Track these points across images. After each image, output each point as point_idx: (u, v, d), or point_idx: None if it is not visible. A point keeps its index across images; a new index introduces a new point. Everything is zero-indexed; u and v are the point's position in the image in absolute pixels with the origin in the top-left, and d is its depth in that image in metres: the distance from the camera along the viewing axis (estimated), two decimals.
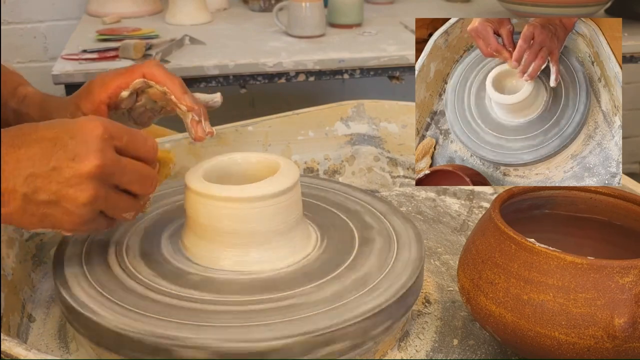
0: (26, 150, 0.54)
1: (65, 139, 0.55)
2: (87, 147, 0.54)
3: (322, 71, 1.45)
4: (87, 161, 0.54)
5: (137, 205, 0.61)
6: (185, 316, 0.57)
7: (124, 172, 0.57)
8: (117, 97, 0.71)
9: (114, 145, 0.56)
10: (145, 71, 0.71)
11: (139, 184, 0.59)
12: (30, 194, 0.54)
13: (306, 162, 0.97)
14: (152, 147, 0.60)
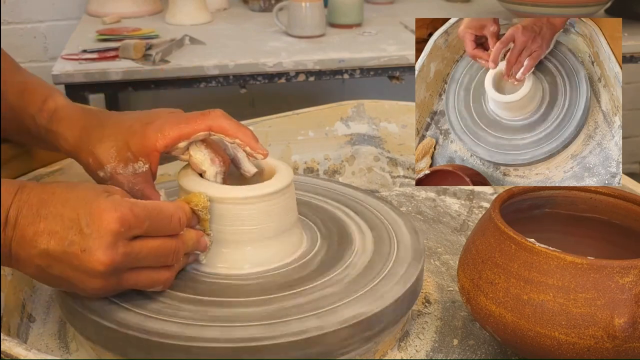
0: (45, 225, 0.54)
1: (82, 224, 0.54)
2: (98, 242, 0.53)
3: (322, 71, 1.45)
4: (95, 258, 0.53)
5: (162, 279, 0.59)
6: (186, 316, 0.57)
7: (138, 260, 0.56)
8: (173, 147, 0.65)
9: (131, 236, 0.55)
10: (212, 124, 0.65)
11: (158, 261, 0.58)
12: (45, 267, 0.55)
13: (306, 162, 0.97)
14: (178, 224, 0.58)
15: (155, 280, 0.58)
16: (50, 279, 0.56)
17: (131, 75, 1.36)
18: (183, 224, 0.59)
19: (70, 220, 0.54)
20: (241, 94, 1.46)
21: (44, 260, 0.54)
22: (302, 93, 2.08)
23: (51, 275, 0.55)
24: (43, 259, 0.54)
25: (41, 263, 0.54)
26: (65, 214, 0.54)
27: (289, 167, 0.69)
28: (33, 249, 0.54)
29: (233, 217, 0.63)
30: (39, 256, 0.54)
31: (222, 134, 0.65)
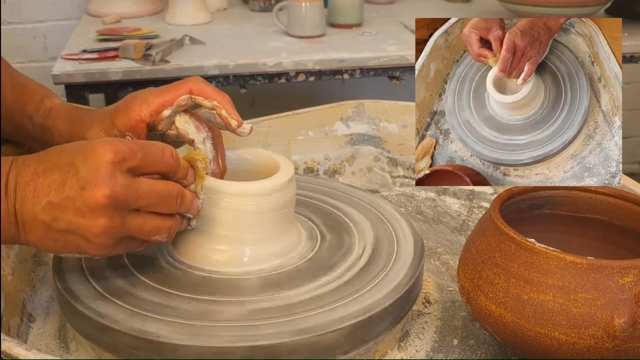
0: (44, 178, 0.54)
1: (78, 164, 0.54)
2: (96, 174, 0.53)
3: (322, 71, 1.45)
4: (95, 190, 0.53)
5: (166, 226, 0.58)
6: (185, 316, 0.57)
7: (139, 197, 0.55)
8: (158, 115, 0.67)
9: (127, 168, 0.55)
10: (192, 87, 0.67)
11: (160, 205, 0.57)
12: (50, 222, 0.54)
13: (306, 162, 0.97)
14: (171, 158, 0.58)
15: (159, 227, 0.58)
16: (58, 238, 0.55)
17: (131, 75, 1.36)
18: (176, 158, 0.58)
19: (66, 166, 0.54)
20: (241, 94, 1.46)
21: (48, 213, 0.54)
22: (302, 93, 2.08)
23: (58, 232, 0.54)
24: (47, 213, 0.54)
25: (46, 218, 0.54)
26: (61, 162, 0.55)
27: (289, 162, 0.69)
28: (36, 205, 0.54)
29: (233, 212, 0.63)
30: (43, 211, 0.54)
31: (201, 96, 0.67)
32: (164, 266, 0.65)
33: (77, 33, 1.63)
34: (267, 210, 0.64)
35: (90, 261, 0.65)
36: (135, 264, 0.65)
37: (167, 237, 0.59)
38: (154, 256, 0.66)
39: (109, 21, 1.71)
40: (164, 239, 0.59)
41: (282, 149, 0.95)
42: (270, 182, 0.65)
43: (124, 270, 0.64)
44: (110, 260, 0.65)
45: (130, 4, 1.80)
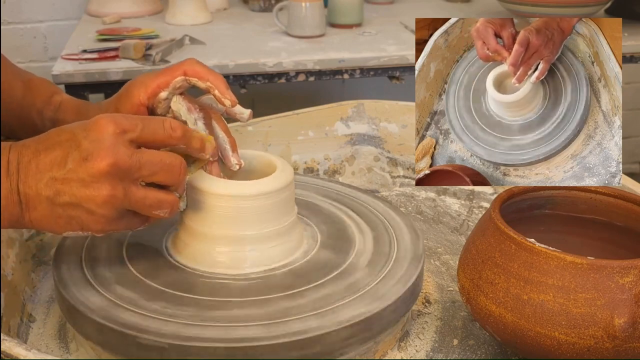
0: (45, 155, 0.55)
1: (79, 138, 0.55)
2: (99, 145, 0.54)
3: (322, 71, 1.45)
4: (98, 159, 0.54)
5: (169, 200, 0.58)
6: (185, 316, 0.57)
7: (141, 166, 0.56)
8: (156, 97, 0.69)
9: (129, 139, 0.55)
10: (187, 68, 0.68)
11: (162, 174, 0.57)
12: (53, 197, 0.55)
13: (306, 162, 0.97)
14: (172, 128, 0.58)
15: (162, 200, 0.58)
16: (61, 214, 0.55)
17: (131, 75, 1.36)
18: (176, 128, 0.58)
19: (67, 141, 0.55)
20: (241, 94, 1.46)
21: (51, 188, 0.54)
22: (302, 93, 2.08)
23: (62, 206, 0.55)
24: (50, 187, 0.54)
25: (49, 193, 0.54)
26: (62, 138, 0.55)
27: (288, 164, 0.69)
28: (39, 181, 0.54)
29: (233, 214, 0.63)
30: (46, 186, 0.54)
31: (195, 77, 0.68)
32: (165, 267, 0.65)
33: (77, 33, 1.63)
34: (266, 211, 0.64)
35: (91, 261, 0.65)
36: (135, 264, 0.65)
37: (170, 212, 0.59)
38: (154, 256, 0.66)
39: (109, 21, 1.71)
40: (166, 215, 0.59)
41: (282, 149, 0.95)
42: (267, 181, 0.65)
43: (124, 270, 0.64)
44: (110, 260, 0.65)
45: (130, 4, 1.80)
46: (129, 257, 0.66)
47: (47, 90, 0.79)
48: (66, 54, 1.44)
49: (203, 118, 0.69)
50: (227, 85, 0.69)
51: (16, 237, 0.73)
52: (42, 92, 0.78)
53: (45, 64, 1.96)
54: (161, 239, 0.69)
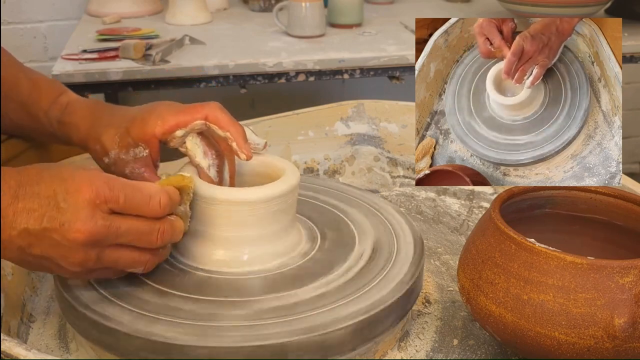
0: (24, 205, 0.54)
1: (59, 199, 0.54)
2: (76, 214, 0.53)
3: (322, 71, 1.45)
4: (74, 229, 0.53)
5: (143, 260, 0.58)
6: (188, 317, 0.57)
7: (119, 235, 0.55)
8: (171, 134, 0.68)
9: (108, 208, 0.55)
10: (209, 113, 0.67)
11: (140, 241, 0.57)
12: (25, 247, 0.55)
13: (306, 162, 0.97)
14: (158, 206, 0.57)
15: (136, 260, 0.58)
16: (32, 261, 0.56)
17: (131, 75, 1.36)
18: (164, 206, 0.57)
19: (46, 198, 0.54)
20: (241, 94, 1.46)
21: (25, 239, 0.54)
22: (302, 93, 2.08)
23: (32, 256, 0.55)
24: (23, 239, 0.54)
25: (22, 243, 0.54)
26: (42, 192, 0.54)
27: (295, 168, 0.69)
28: (13, 229, 0.54)
29: (235, 219, 0.63)
30: (19, 236, 0.54)
31: (216, 125, 0.67)
32: (166, 267, 0.65)
33: (77, 33, 1.63)
34: (267, 214, 0.64)
35: None
36: None
37: (144, 269, 0.59)
38: None
39: (109, 21, 1.70)
40: (141, 271, 0.59)
41: (282, 149, 0.95)
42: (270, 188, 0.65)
43: None
44: None
45: (130, 4, 1.80)
46: None
47: (54, 90, 0.78)
48: (66, 54, 1.44)
49: (217, 165, 0.69)
50: (246, 138, 0.68)
51: None
52: (49, 91, 0.77)
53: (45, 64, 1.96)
54: None
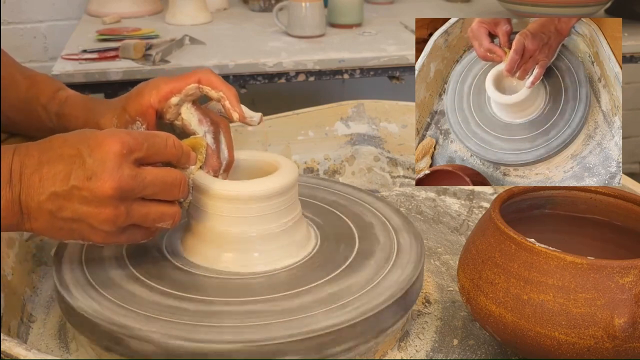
0: (49, 169, 0.55)
1: (84, 156, 0.55)
2: (103, 166, 0.54)
3: (322, 71, 1.45)
4: (102, 182, 0.54)
5: (171, 212, 0.59)
6: (185, 317, 0.57)
7: (145, 186, 0.56)
8: (167, 102, 0.69)
9: (134, 159, 0.56)
10: (201, 77, 0.69)
11: (165, 193, 0.58)
12: (55, 211, 0.55)
13: (306, 162, 0.97)
14: (174, 146, 0.59)
15: (164, 213, 0.59)
16: (63, 226, 0.56)
17: (131, 75, 1.36)
18: (178, 147, 0.59)
19: (71, 157, 0.55)
20: (241, 94, 1.46)
21: (54, 202, 0.54)
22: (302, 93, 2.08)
23: (63, 220, 0.55)
24: (53, 202, 0.54)
25: (52, 207, 0.54)
26: (65, 153, 0.55)
27: (293, 163, 0.69)
28: (41, 194, 0.54)
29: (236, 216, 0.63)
30: (48, 200, 0.54)
31: (209, 87, 0.69)
32: (168, 267, 0.65)
33: (77, 33, 1.63)
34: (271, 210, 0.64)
35: (91, 261, 0.65)
36: (136, 264, 0.65)
37: (172, 223, 0.60)
38: (156, 257, 0.66)
39: (109, 21, 1.70)
40: (169, 226, 0.60)
41: (282, 149, 0.95)
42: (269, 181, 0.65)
43: (125, 271, 0.64)
44: (111, 260, 0.65)
45: (130, 4, 1.80)
46: (129, 257, 0.66)
47: (52, 85, 0.79)
48: (66, 54, 1.44)
49: (212, 132, 0.70)
50: (238, 99, 0.70)
51: (16, 237, 0.73)
52: (47, 87, 0.78)
53: (45, 64, 1.96)
54: (161, 239, 0.69)
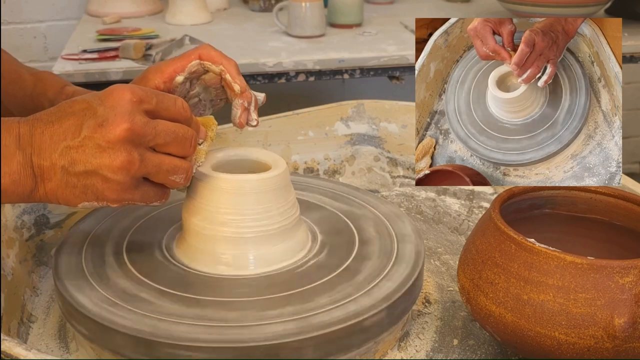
0: (59, 125, 0.55)
1: (95, 106, 0.55)
2: (115, 111, 0.54)
3: (322, 71, 1.45)
4: (115, 125, 0.54)
5: (184, 166, 0.59)
6: (185, 316, 0.57)
7: (157, 134, 0.56)
8: (172, 82, 0.70)
9: (144, 109, 0.56)
10: (202, 52, 0.70)
11: (176, 145, 0.58)
12: (68, 166, 0.54)
13: (306, 162, 0.97)
14: (182, 107, 0.59)
15: (177, 166, 0.59)
16: (76, 183, 0.55)
17: (131, 75, 1.36)
18: (186, 109, 0.60)
19: (82, 110, 0.55)
20: None
21: (66, 157, 0.54)
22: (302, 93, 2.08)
23: (77, 176, 0.55)
24: (65, 157, 0.54)
25: (64, 162, 0.54)
26: (76, 108, 0.55)
27: (280, 158, 0.69)
28: (54, 151, 0.54)
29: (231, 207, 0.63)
30: (61, 155, 0.54)
31: (209, 61, 0.70)
32: (166, 266, 0.65)
33: (77, 33, 1.63)
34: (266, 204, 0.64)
35: (91, 261, 0.65)
36: (136, 264, 0.65)
37: (185, 178, 0.60)
38: (155, 256, 0.66)
39: (109, 21, 1.71)
40: (182, 181, 0.60)
41: (282, 149, 0.95)
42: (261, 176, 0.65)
43: (124, 270, 0.64)
44: (111, 259, 0.65)
45: (130, 4, 1.80)
46: (129, 256, 0.66)
47: (58, 81, 0.80)
48: (66, 54, 1.44)
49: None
50: (239, 71, 0.71)
51: (16, 237, 0.73)
52: (53, 83, 0.79)
53: (45, 64, 1.96)
54: (161, 239, 0.69)
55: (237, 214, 0.64)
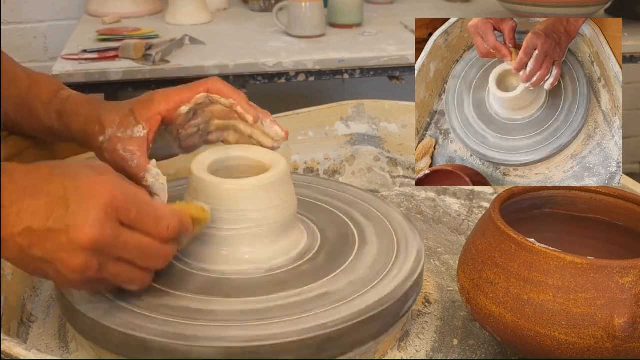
0: (30, 202, 0.52)
1: (70, 200, 0.52)
2: (86, 217, 0.51)
3: (322, 71, 1.45)
4: (82, 232, 0.51)
5: (140, 279, 0.57)
6: (185, 316, 0.57)
7: (125, 249, 0.54)
8: (176, 111, 0.69)
9: (118, 219, 0.53)
10: (210, 86, 0.70)
11: (142, 261, 0.56)
12: (26, 247, 0.52)
13: (306, 162, 0.97)
14: (166, 229, 0.56)
15: (135, 279, 0.56)
16: (30, 263, 0.53)
17: (131, 75, 1.36)
18: (172, 231, 0.57)
19: (56, 198, 0.52)
20: None
21: (26, 239, 0.52)
22: (302, 93, 2.07)
23: (32, 258, 0.53)
24: (25, 238, 0.52)
25: (23, 243, 0.52)
26: (52, 190, 0.52)
27: (282, 158, 0.69)
28: (16, 227, 0.51)
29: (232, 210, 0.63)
30: (21, 235, 0.52)
31: (218, 94, 0.70)
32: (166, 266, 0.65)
33: (77, 33, 1.63)
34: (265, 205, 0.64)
35: None
36: None
37: (139, 289, 0.58)
38: None
39: (109, 21, 1.70)
40: (135, 290, 0.58)
41: (282, 149, 0.95)
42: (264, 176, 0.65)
43: None
44: None
45: (130, 4, 1.80)
46: None
47: (54, 84, 0.79)
48: (66, 54, 1.44)
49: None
50: (249, 102, 0.71)
51: None
52: (48, 86, 0.78)
53: (45, 64, 1.96)
54: None
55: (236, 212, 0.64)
